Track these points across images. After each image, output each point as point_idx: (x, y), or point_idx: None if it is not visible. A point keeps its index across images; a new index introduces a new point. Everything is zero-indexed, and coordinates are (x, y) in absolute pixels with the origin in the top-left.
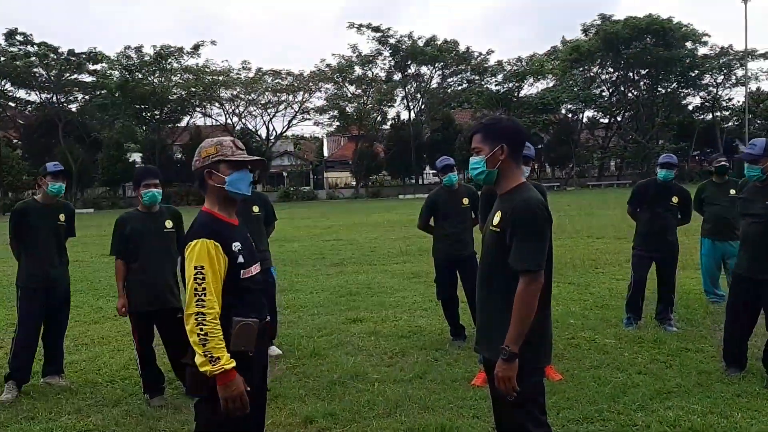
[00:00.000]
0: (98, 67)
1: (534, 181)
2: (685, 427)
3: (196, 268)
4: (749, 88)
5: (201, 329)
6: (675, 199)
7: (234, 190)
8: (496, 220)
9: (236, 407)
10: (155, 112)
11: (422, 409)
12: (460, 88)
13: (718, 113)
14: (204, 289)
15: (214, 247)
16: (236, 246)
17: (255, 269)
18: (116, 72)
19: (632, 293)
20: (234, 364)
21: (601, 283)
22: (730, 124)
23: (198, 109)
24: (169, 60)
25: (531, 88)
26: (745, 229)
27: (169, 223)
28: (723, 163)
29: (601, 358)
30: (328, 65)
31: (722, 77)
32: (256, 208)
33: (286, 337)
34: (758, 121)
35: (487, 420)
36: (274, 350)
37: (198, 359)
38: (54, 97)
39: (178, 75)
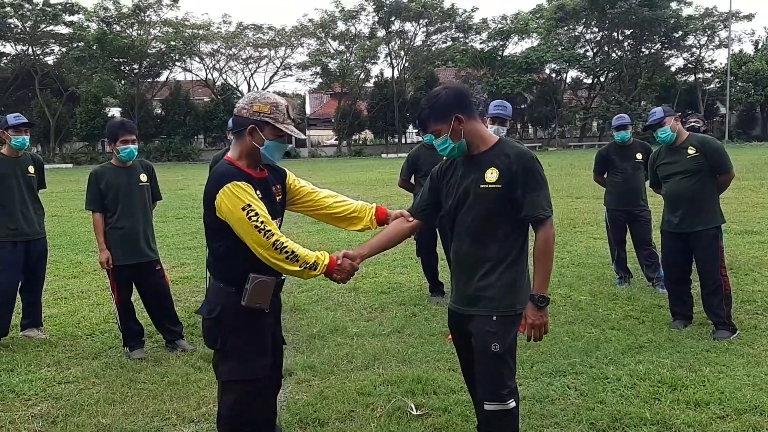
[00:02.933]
0: (75, 18)
1: (514, 140)
2: (655, 380)
3: (244, 209)
4: (732, 50)
5: (286, 253)
6: (639, 156)
7: (267, 155)
8: (492, 176)
9: (349, 275)
10: (134, 66)
11: (400, 362)
12: (444, 45)
13: (701, 75)
14: (262, 221)
15: (246, 185)
16: (258, 194)
17: (277, 223)
18: (93, 24)
19: (615, 252)
20: (327, 255)
21: (578, 241)
22: (711, 86)
23: (178, 64)
24: (148, 12)
25: (516, 47)
26: (673, 189)
27: (143, 177)
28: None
29: (575, 314)
30: (310, 20)
31: (705, 39)
32: None
33: None
34: (740, 84)
35: None
36: None
37: (300, 274)
38: (30, 49)
39: (157, 28)
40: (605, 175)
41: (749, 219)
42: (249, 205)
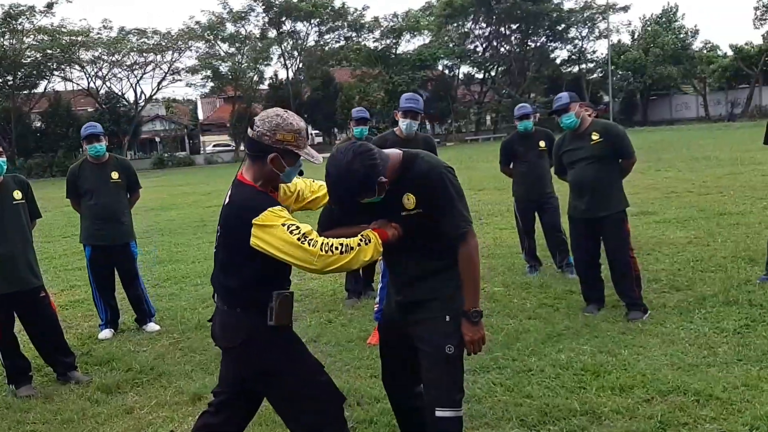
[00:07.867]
0: None
1: (424, 135)
2: (578, 368)
3: (287, 225)
4: (611, 41)
5: (339, 250)
6: (542, 144)
7: (286, 180)
8: (409, 202)
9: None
10: (8, 77)
11: None
12: (337, 45)
13: (584, 65)
14: (303, 234)
15: (282, 209)
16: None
17: None
18: None
19: (526, 241)
20: (374, 232)
21: (485, 233)
22: (594, 75)
23: (56, 73)
24: (20, 20)
25: (408, 45)
26: (578, 175)
27: (17, 194)
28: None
29: (491, 306)
30: (197, 22)
31: (586, 30)
32: (115, 175)
33: (167, 311)
34: (620, 72)
35: None
36: (152, 327)
37: (360, 258)
38: None
39: (32, 36)
40: (511, 165)
41: (643, 200)
42: (292, 224)
